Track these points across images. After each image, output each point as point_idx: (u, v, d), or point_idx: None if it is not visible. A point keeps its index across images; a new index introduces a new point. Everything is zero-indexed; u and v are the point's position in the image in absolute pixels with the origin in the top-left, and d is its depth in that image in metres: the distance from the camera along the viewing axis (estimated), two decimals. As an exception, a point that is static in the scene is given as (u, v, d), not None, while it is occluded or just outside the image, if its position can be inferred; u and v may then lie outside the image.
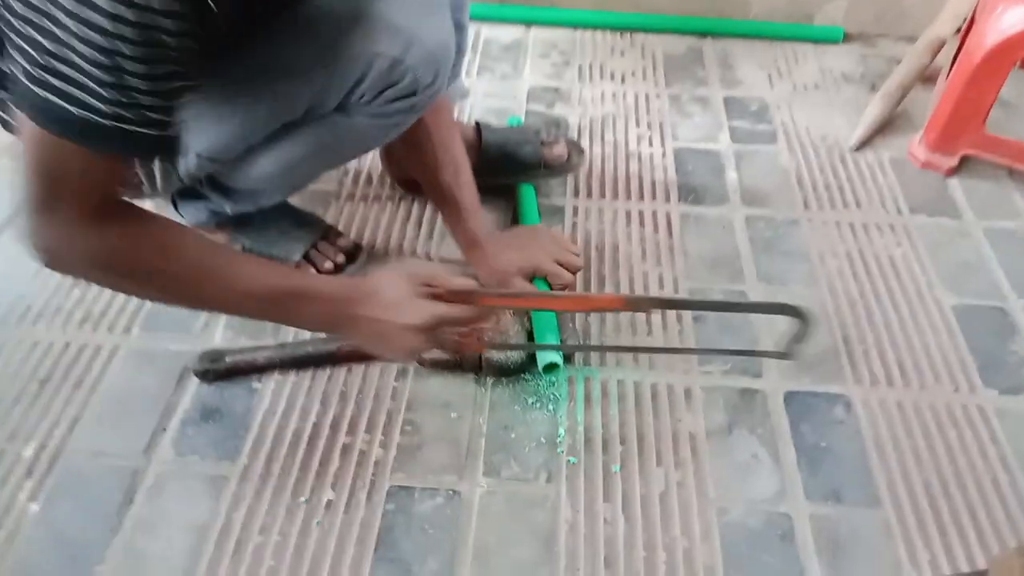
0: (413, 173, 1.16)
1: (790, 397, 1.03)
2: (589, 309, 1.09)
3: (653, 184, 1.35)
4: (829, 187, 1.36)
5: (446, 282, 0.86)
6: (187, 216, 1.12)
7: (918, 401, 1.03)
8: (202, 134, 0.89)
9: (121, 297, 1.13)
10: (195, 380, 1.04)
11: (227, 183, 1.02)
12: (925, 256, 1.23)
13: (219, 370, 1.03)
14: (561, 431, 0.99)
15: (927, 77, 1.53)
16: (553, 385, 1.04)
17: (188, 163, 0.93)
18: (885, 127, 1.48)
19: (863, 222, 1.29)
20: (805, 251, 1.24)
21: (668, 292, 1.17)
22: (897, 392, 1.04)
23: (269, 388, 1.03)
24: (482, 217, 1.11)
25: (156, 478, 0.94)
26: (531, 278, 1.11)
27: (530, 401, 1.02)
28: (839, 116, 1.51)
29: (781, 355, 1.00)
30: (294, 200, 1.17)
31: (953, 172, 1.38)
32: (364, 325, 0.85)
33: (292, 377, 1.04)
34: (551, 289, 1.11)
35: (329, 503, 0.92)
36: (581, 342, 1.07)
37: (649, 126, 1.47)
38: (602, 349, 1.08)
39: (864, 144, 1.44)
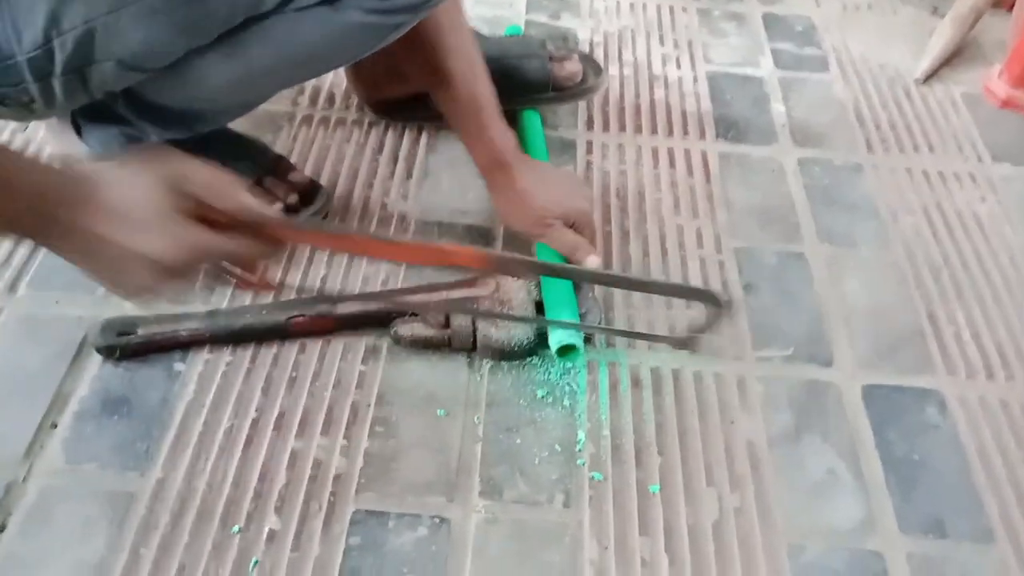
0: (415, 82, 0.89)
1: (870, 393, 0.81)
2: (438, 264, 0.77)
3: (684, 116, 1.10)
4: (895, 126, 1.12)
5: (226, 198, 0.55)
6: (94, 144, 0.85)
7: (1027, 399, 0.82)
8: (128, 35, 0.63)
9: (3, 246, 0.87)
10: (97, 358, 0.78)
11: (155, 100, 0.75)
12: (1015, 214, 1.01)
13: (129, 345, 0.78)
14: (581, 435, 0.75)
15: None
16: (569, 373, 0.80)
17: (102, 73, 0.66)
18: (954, 57, 1.24)
19: (938, 170, 1.06)
20: (872, 204, 1.00)
21: (709, 253, 0.93)
22: (999, 387, 0.83)
23: (195, 371, 0.78)
24: (507, 128, 0.86)
25: (39, 495, 0.69)
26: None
27: (540, 394, 0.78)
28: (899, 42, 1.27)
29: (682, 343, 0.80)
30: (234, 122, 0.90)
31: (1040, 113, 1.15)
32: (76, 238, 0.54)
33: (226, 356, 0.79)
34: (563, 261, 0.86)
35: (272, 534, 0.68)
36: (603, 317, 0.83)
37: (676, 45, 1.22)
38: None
39: (931, 76, 1.21)
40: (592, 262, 0.84)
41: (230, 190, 0.56)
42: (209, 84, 0.70)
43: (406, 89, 0.99)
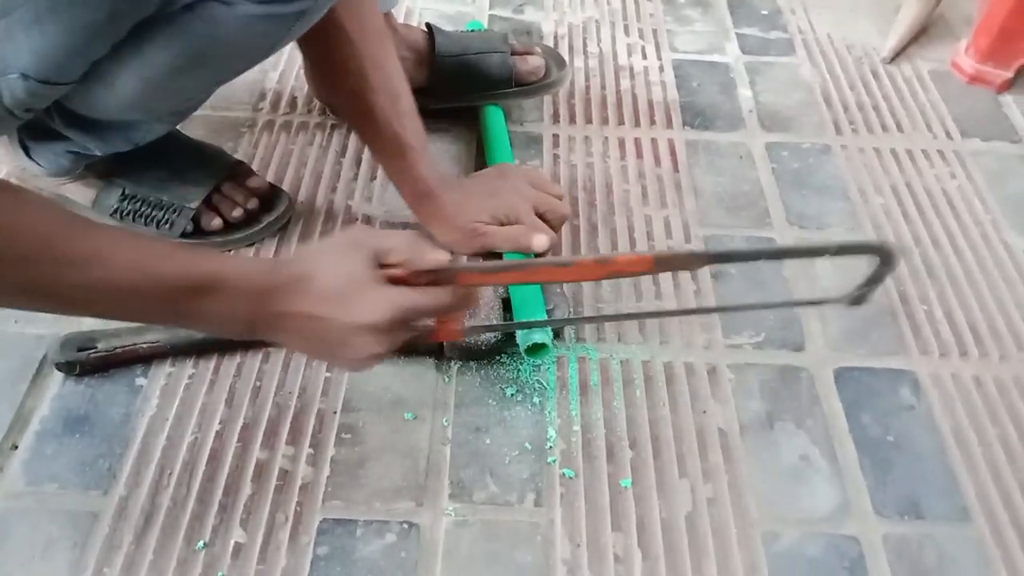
0: (336, 101, 0.88)
1: (842, 376, 0.80)
2: (609, 276, 0.75)
3: (651, 105, 1.09)
4: (863, 107, 1.11)
5: (411, 257, 0.60)
6: (43, 162, 0.84)
7: (1000, 376, 0.81)
8: (20, 45, 0.61)
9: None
10: (58, 376, 0.77)
11: (84, 113, 0.74)
12: (985, 190, 1.00)
13: (89, 360, 0.76)
14: (551, 433, 0.74)
15: (968, -27, 1.28)
16: (538, 370, 0.79)
17: (13, 89, 0.64)
18: (921, 34, 1.23)
19: (907, 148, 1.05)
20: (842, 185, 1.00)
21: (678, 242, 0.92)
22: (973, 365, 0.82)
23: (157, 385, 0.77)
24: (431, 158, 0.84)
25: (-1, 517, 0.68)
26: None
27: (509, 392, 0.77)
28: (864, 21, 1.26)
29: (853, 300, 0.74)
30: (191, 130, 0.89)
31: (1008, 87, 1.14)
32: (297, 325, 0.58)
33: (189, 369, 0.78)
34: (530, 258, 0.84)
35: (238, 548, 0.66)
36: (571, 311, 0.82)
37: (641, 34, 1.21)
38: (618, 319, 0.83)
39: (898, 55, 1.20)
40: (538, 242, 0.83)
41: (406, 247, 0.60)
42: (122, 93, 0.68)
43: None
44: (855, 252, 0.71)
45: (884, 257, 0.66)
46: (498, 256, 0.86)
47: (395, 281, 0.59)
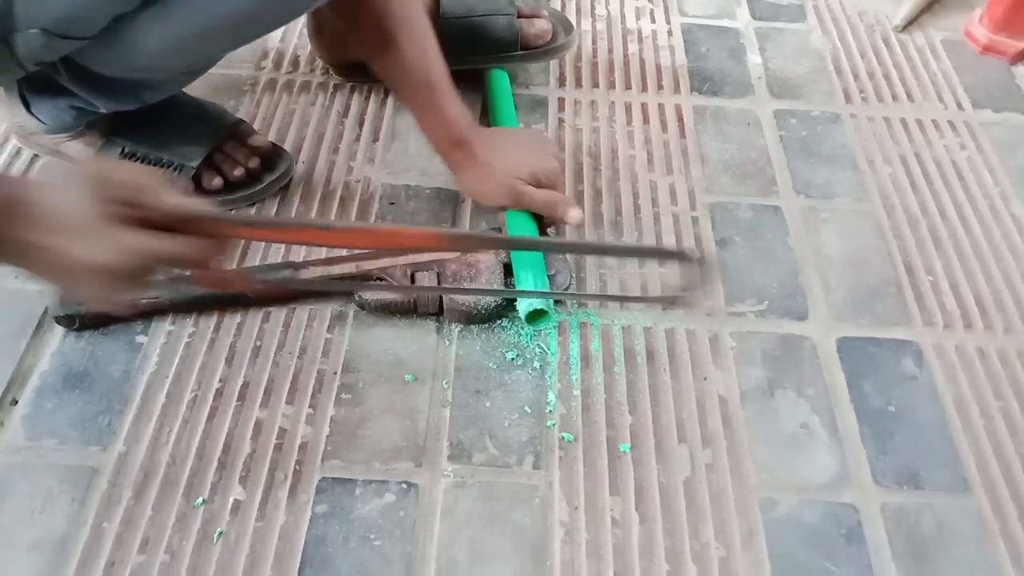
0: (358, 51, 0.86)
1: (845, 345, 0.80)
2: (397, 248, 0.75)
3: (658, 70, 1.08)
4: (873, 75, 1.09)
5: (164, 201, 0.54)
6: (44, 117, 0.83)
7: (1004, 348, 0.80)
8: None
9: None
10: (58, 332, 0.77)
11: (96, 70, 0.72)
12: (995, 161, 0.99)
13: (88, 315, 0.76)
14: (551, 397, 0.74)
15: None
16: (539, 335, 0.79)
17: (30, 43, 0.63)
18: (934, 3, 1.21)
19: (917, 118, 1.04)
20: (850, 155, 0.98)
21: (683, 209, 0.91)
22: (977, 337, 0.81)
23: (157, 342, 0.76)
24: (459, 101, 0.82)
25: (-1, 472, 0.68)
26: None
27: (509, 356, 0.77)
28: (878, -12, 1.23)
29: (671, 301, 0.78)
30: (192, 88, 0.87)
31: (1021, 57, 1.12)
32: (26, 252, 0.53)
33: (189, 327, 0.78)
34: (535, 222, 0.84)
35: (237, 505, 0.67)
36: (574, 276, 0.81)
37: (649, -3, 1.19)
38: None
39: (911, 23, 1.18)
40: (574, 215, 0.82)
41: (157, 189, 0.54)
42: (143, 51, 0.67)
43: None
44: (664, 258, 0.71)
45: (693, 264, 0.66)
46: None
47: (143, 224, 0.53)
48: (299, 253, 0.83)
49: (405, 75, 0.80)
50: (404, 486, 0.68)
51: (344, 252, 0.80)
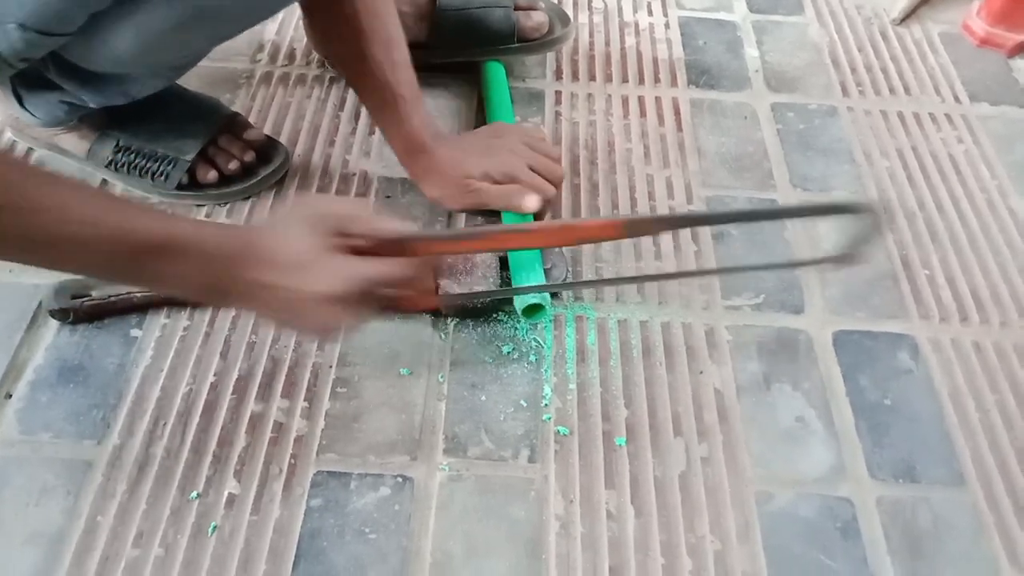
0: (330, 49, 0.87)
1: (841, 339, 0.80)
2: (577, 241, 0.79)
3: (655, 63, 1.07)
4: (871, 68, 1.09)
5: (372, 227, 0.59)
6: (37, 112, 0.82)
7: (1001, 342, 0.80)
8: None
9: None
10: (52, 326, 0.77)
11: (82, 65, 0.72)
12: (992, 155, 0.99)
13: (83, 308, 0.76)
14: (547, 391, 0.74)
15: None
16: (535, 328, 0.78)
17: (10, 39, 0.63)
18: (933, -5, 1.21)
19: (914, 112, 1.03)
20: (847, 148, 0.98)
21: (680, 203, 0.91)
22: (974, 331, 0.81)
23: (152, 336, 0.76)
24: (425, 112, 0.83)
25: (-7, 465, 0.68)
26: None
27: (505, 350, 0.77)
28: (876, -19, 1.23)
29: (841, 259, 0.73)
30: (187, 81, 0.87)
31: (1019, 50, 1.12)
32: (256, 293, 0.57)
33: (184, 321, 0.77)
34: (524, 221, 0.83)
35: (232, 499, 0.67)
36: (570, 270, 0.81)
37: (647, -9, 1.18)
38: (600, 283, 0.82)
39: (908, 16, 1.18)
40: (529, 202, 0.82)
41: (367, 216, 0.60)
42: (122, 47, 0.66)
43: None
44: (837, 212, 0.71)
45: (869, 217, 0.65)
46: (495, 215, 0.85)
47: (357, 251, 0.58)
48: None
49: (371, 86, 0.80)
50: (399, 480, 0.68)
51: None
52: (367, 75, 0.79)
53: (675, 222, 0.82)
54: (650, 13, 1.15)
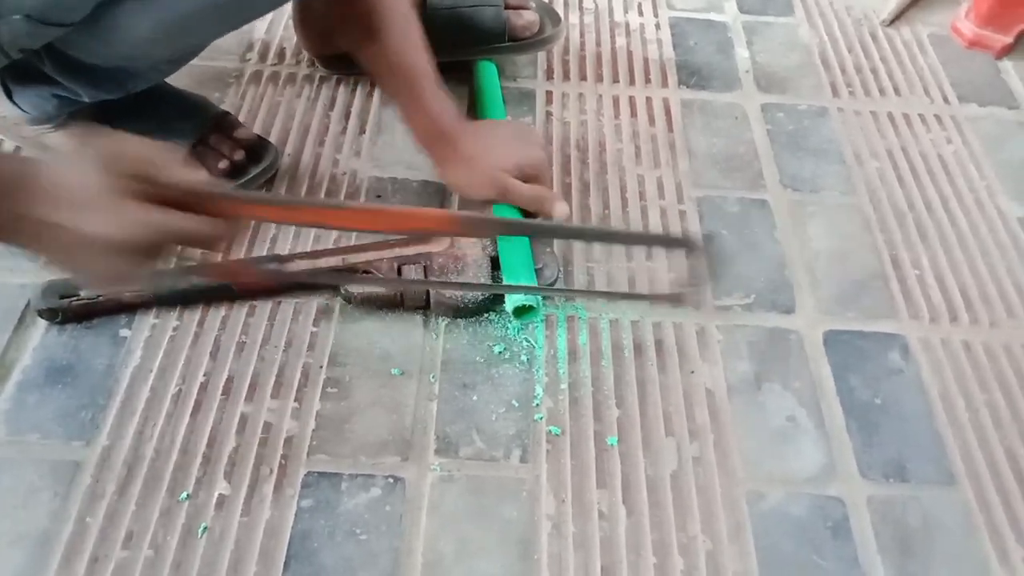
0: (343, 42, 0.86)
1: (831, 339, 0.80)
2: (411, 231, 0.74)
3: (646, 63, 1.07)
4: (861, 69, 1.10)
5: (176, 176, 0.53)
6: (27, 107, 0.81)
7: (990, 342, 0.81)
8: None
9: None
10: (40, 326, 0.76)
11: (80, 58, 0.71)
12: (981, 155, 0.99)
13: (71, 308, 0.75)
14: (538, 391, 0.74)
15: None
16: (527, 328, 0.78)
17: (12, 30, 0.62)
18: (921, -3, 1.21)
19: (904, 112, 1.04)
20: (837, 149, 0.99)
21: (670, 203, 0.91)
22: (963, 330, 0.82)
23: (141, 336, 0.76)
24: (444, 93, 0.81)
25: (-20, 466, 0.67)
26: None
27: (497, 350, 0.77)
28: (866, -17, 1.23)
29: (675, 298, 0.78)
30: (177, 80, 0.87)
31: (1007, 52, 1.13)
32: (34, 230, 0.51)
33: (173, 321, 0.77)
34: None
35: (222, 500, 0.66)
36: (560, 271, 0.81)
37: (638, -9, 1.18)
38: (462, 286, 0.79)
39: (898, 17, 1.18)
40: (560, 210, 0.82)
41: (168, 163, 0.53)
42: (126, 38, 0.66)
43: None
44: (669, 245, 0.70)
45: (697, 251, 0.66)
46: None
47: (158, 202, 0.52)
48: (285, 245, 0.82)
49: (389, 67, 0.79)
50: (390, 480, 0.68)
51: (331, 244, 0.79)
52: (384, 55, 0.78)
53: (519, 228, 0.76)
54: (641, 13, 1.15)
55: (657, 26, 1.13)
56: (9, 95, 0.81)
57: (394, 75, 0.80)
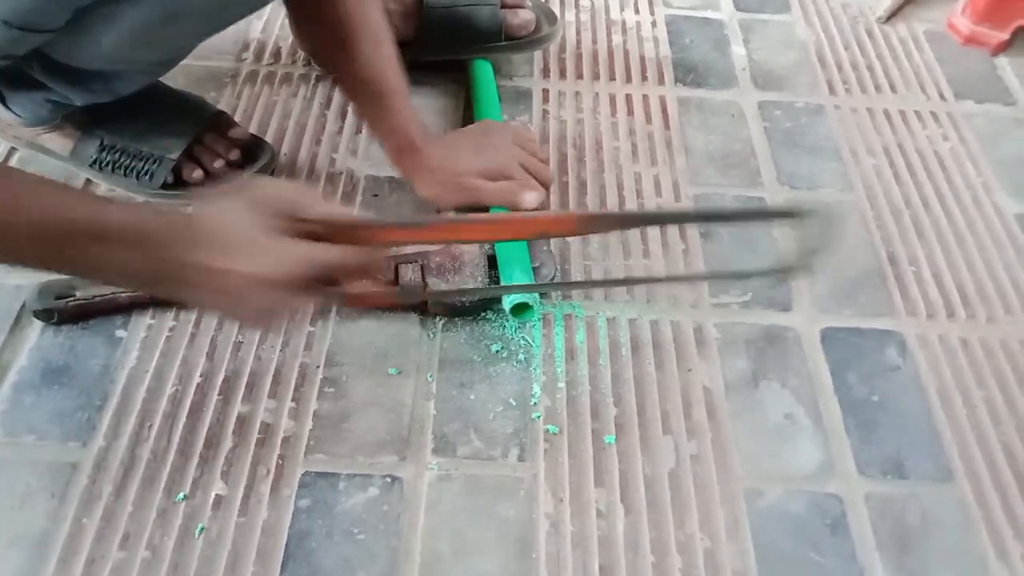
0: (316, 46, 0.86)
1: (828, 336, 0.80)
2: (532, 235, 0.76)
3: (642, 61, 1.07)
4: (857, 66, 1.10)
5: (322, 211, 0.57)
6: (21, 111, 0.82)
7: (987, 338, 0.81)
8: None
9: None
10: (36, 327, 0.76)
11: (66, 63, 0.71)
12: (978, 152, 0.99)
13: (67, 309, 0.75)
14: (536, 390, 0.74)
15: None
16: (524, 327, 0.78)
17: None
18: (917, -6, 1.21)
19: (900, 109, 1.04)
20: (834, 146, 0.98)
21: (667, 201, 0.91)
22: (960, 326, 0.82)
23: (137, 337, 0.76)
24: (414, 109, 0.83)
25: (-25, 469, 0.67)
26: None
27: (494, 349, 0.76)
28: (861, -20, 1.23)
29: (785, 272, 0.78)
30: (172, 80, 0.86)
31: (1003, 48, 1.13)
32: (196, 277, 0.54)
33: (169, 321, 0.77)
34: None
35: (219, 500, 0.66)
36: (558, 268, 0.81)
37: (634, -11, 1.18)
38: (570, 286, 0.82)
39: (894, 14, 1.18)
40: (530, 199, 0.83)
41: (310, 199, 0.57)
42: (107, 43, 0.66)
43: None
44: (782, 218, 0.73)
45: (807, 220, 0.66)
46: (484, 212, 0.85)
47: (307, 237, 0.56)
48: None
49: (358, 82, 0.80)
50: (388, 480, 0.68)
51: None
52: (354, 70, 0.78)
53: (630, 220, 0.80)
54: (637, 11, 1.15)
55: (653, 24, 1.13)
56: (2, 99, 0.81)
57: (362, 91, 0.81)
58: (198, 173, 0.84)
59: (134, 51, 0.70)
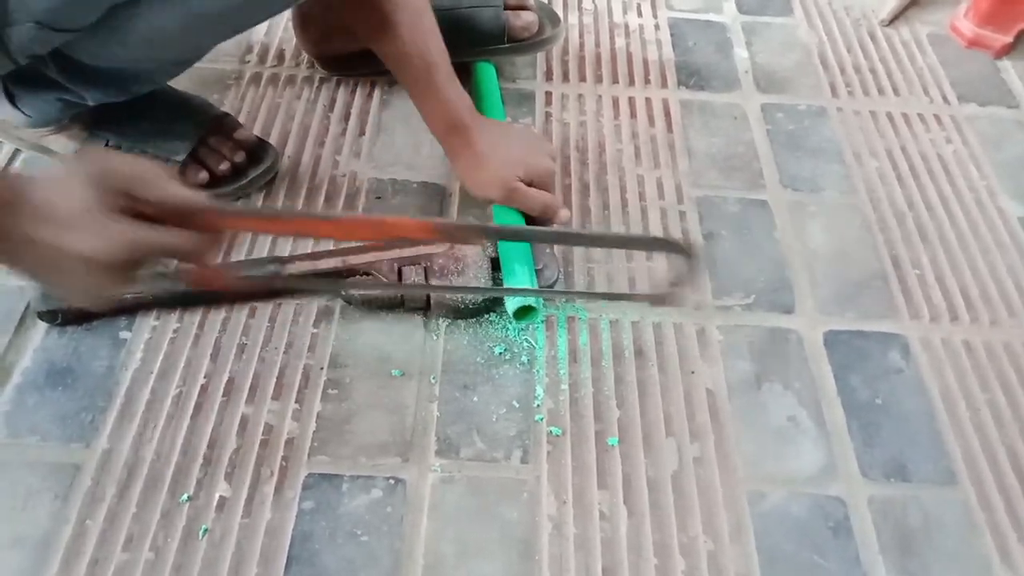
0: (356, 33, 0.86)
1: (831, 339, 0.80)
2: (388, 237, 0.74)
3: (646, 64, 1.07)
4: (860, 69, 1.10)
5: (161, 192, 0.53)
6: (30, 111, 0.81)
7: (990, 341, 0.81)
8: None
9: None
10: (40, 328, 0.76)
11: (85, 62, 0.71)
12: (981, 155, 0.99)
13: (71, 310, 0.75)
14: (539, 391, 0.74)
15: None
16: (527, 329, 0.78)
17: (22, 36, 0.62)
18: (921, -4, 1.21)
19: (903, 112, 1.04)
20: (837, 149, 0.98)
21: (670, 203, 0.91)
22: (963, 329, 0.82)
23: (141, 338, 0.76)
24: (460, 87, 0.82)
25: (-21, 470, 0.67)
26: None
27: (497, 351, 0.77)
28: (864, -18, 1.24)
29: (659, 299, 0.79)
30: (177, 82, 0.86)
31: (1007, 51, 1.13)
32: (23, 249, 0.52)
33: (173, 323, 0.77)
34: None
35: (222, 501, 0.66)
36: (560, 272, 0.81)
37: (636, -9, 1.18)
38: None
39: (897, 17, 1.18)
40: (563, 216, 0.83)
41: (157, 180, 0.53)
42: (134, 41, 0.66)
43: (356, 43, 0.95)
44: (659, 249, 0.73)
45: (687, 256, 0.65)
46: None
47: (142, 217, 0.52)
48: (285, 246, 0.82)
49: (402, 56, 0.79)
50: (391, 481, 0.68)
51: (332, 245, 0.79)
52: (397, 45, 0.78)
53: (496, 233, 0.77)
54: (640, 14, 1.15)
55: (656, 27, 1.13)
56: (11, 99, 0.81)
57: (406, 64, 0.80)
58: (203, 175, 0.84)
59: (156, 50, 0.70)
